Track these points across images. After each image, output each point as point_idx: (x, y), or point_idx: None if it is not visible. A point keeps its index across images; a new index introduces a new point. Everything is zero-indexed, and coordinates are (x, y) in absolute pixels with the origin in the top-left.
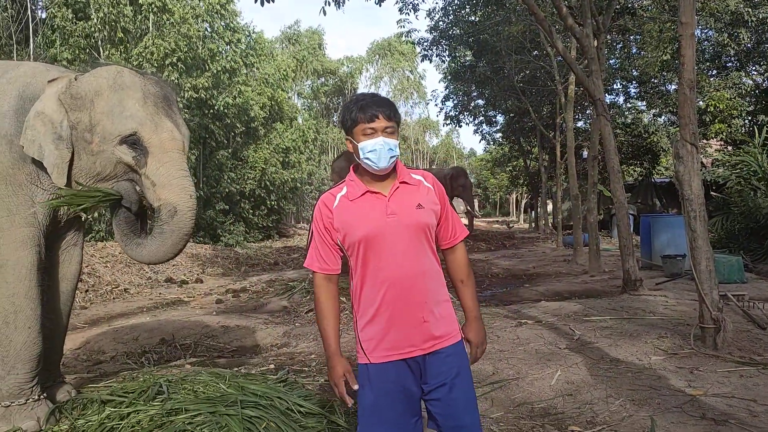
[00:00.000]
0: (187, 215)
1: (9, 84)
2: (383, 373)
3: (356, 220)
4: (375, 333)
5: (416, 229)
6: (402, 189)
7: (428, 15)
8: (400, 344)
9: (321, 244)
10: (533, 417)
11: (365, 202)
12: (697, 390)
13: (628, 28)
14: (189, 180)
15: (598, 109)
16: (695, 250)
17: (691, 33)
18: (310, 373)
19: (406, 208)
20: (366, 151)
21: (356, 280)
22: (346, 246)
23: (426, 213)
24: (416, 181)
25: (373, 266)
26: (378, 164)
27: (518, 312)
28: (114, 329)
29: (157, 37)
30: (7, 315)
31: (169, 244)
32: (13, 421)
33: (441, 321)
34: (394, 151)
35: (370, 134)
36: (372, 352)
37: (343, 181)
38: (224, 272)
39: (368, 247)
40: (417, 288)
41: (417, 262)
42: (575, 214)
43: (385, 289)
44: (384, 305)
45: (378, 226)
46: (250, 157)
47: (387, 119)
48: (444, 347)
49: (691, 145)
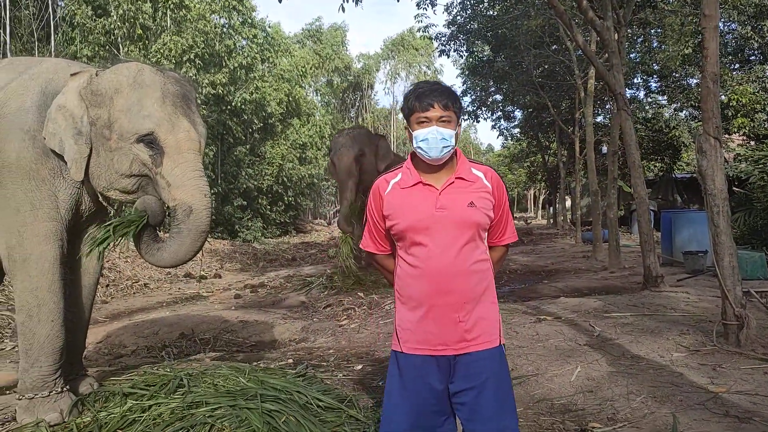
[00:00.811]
0: (202, 214)
1: (32, 80)
2: (411, 365)
3: (404, 209)
4: (410, 323)
5: (465, 226)
6: (456, 184)
7: (446, 10)
8: (433, 340)
9: (375, 229)
10: (553, 413)
11: (416, 192)
12: (720, 387)
13: (649, 22)
14: (204, 180)
15: (618, 104)
16: (718, 245)
17: (715, 25)
18: (328, 368)
19: (457, 205)
20: (419, 140)
21: (401, 265)
22: (393, 232)
23: (477, 212)
24: (475, 177)
25: (416, 257)
26: (429, 154)
27: (537, 308)
28: (134, 323)
29: (175, 33)
30: (31, 308)
31: (187, 243)
32: (36, 413)
33: (479, 323)
34: (449, 141)
35: (425, 123)
36: (405, 341)
37: (400, 167)
38: (242, 267)
39: (413, 238)
40: (457, 286)
41: (461, 260)
42: (594, 210)
43: (425, 282)
44: (422, 298)
45: (425, 218)
46: (267, 153)
47: (443, 108)
48: (477, 350)
49: (715, 139)
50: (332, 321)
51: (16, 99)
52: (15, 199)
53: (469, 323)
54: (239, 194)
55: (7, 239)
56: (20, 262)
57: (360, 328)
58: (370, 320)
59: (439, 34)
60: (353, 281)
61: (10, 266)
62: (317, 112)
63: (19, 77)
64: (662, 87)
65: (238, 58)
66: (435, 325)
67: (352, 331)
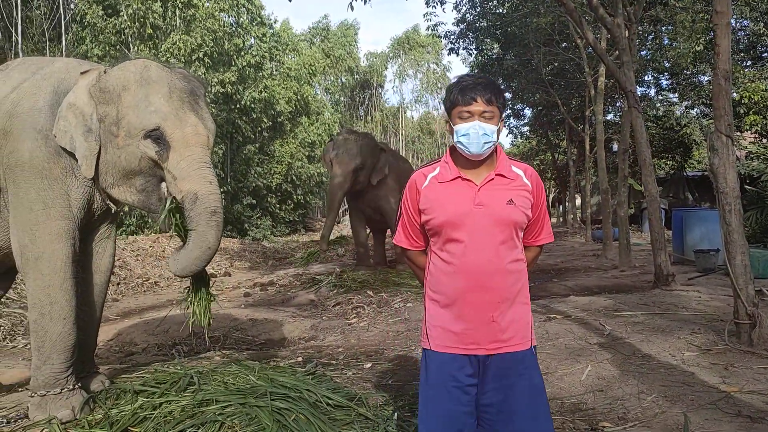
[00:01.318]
0: (209, 198)
1: (44, 80)
2: (441, 363)
3: (442, 204)
4: (442, 320)
5: (503, 224)
6: (496, 181)
7: (455, 7)
8: (464, 339)
9: (410, 224)
10: (563, 412)
11: (455, 186)
12: (732, 387)
13: (660, 19)
14: (210, 170)
15: (629, 101)
16: (730, 244)
17: (727, 22)
18: (338, 366)
19: (496, 202)
20: (459, 135)
21: (434, 261)
22: (428, 227)
23: (516, 210)
24: (515, 175)
25: (451, 253)
26: (469, 149)
27: (547, 307)
28: (145, 321)
29: (184, 32)
30: (43, 306)
31: (203, 227)
32: (48, 410)
33: (512, 324)
34: (490, 137)
35: (467, 118)
36: (434, 338)
37: (438, 161)
38: (252, 266)
39: (449, 234)
40: (493, 284)
41: (497, 258)
42: (605, 208)
43: (460, 279)
44: (456, 294)
45: (462, 214)
46: (276, 151)
47: (486, 103)
48: (509, 352)
49: (727, 136)
50: (341, 319)
51: (28, 99)
52: (28, 198)
53: (504, 323)
54: (248, 193)
55: (20, 237)
56: (33, 260)
57: (369, 326)
58: (379, 319)
59: (448, 32)
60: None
61: (22, 264)
62: (326, 111)
63: (32, 77)
64: (673, 84)
65: (247, 56)
66: (468, 324)
67: (362, 330)
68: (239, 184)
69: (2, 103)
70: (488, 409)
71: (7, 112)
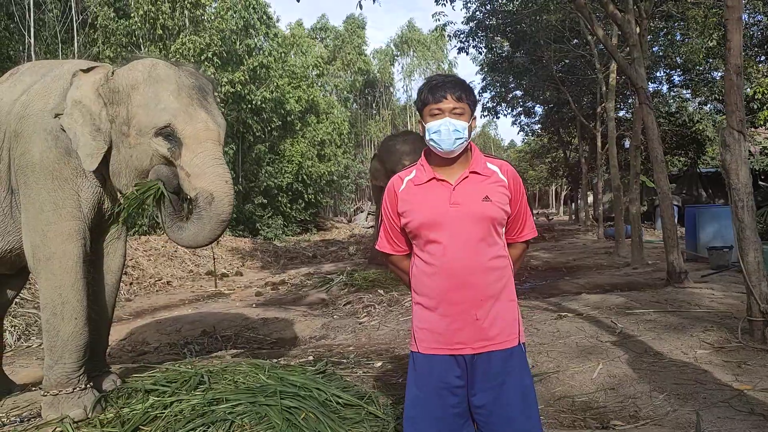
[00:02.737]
0: (224, 201)
1: (54, 82)
2: (428, 366)
3: (418, 206)
4: (427, 322)
5: (480, 221)
6: (471, 179)
7: (464, 6)
8: (449, 339)
9: (391, 228)
10: (574, 411)
11: (430, 188)
12: (745, 384)
13: (672, 14)
14: (224, 167)
15: (640, 98)
16: (743, 241)
17: (738, 17)
18: (348, 365)
19: (471, 199)
20: (431, 132)
21: (416, 263)
22: (407, 230)
23: (492, 206)
24: (490, 172)
25: (431, 254)
26: (441, 146)
27: (558, 305)
28: (157, 321)
29: (192, 33)
30: (55, 306)
31: (207, 230)
32: (61, 409)
33: (497, 321)
34: (461, 133)
35: (437, 115)
36: (421, 341)
37: (414, 164)
38: (263, 265)
39: (428, 235)
40: (474, 283)
41: (477, 256)
42: (617, 205)
43: (441, 279)
44: (439, 295)
45: (439, 214)
46: (287, 150)
47: (456, 100)
48: (496, 350)
49: (738, 132)
50: (352, 318)
51: (39, 100)
52: (39, 199)
53: (488, 321)
54: (260, 192)
55: (31, 238)
56: (44, 260)
57: (380, 325)
58: (390, 317)
59: (458, 31)
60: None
61: (34, 265)
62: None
63: (42, 79)
64: (686, 80)
65: (259, 57)
66: (452, 323)
67: (372, 329)
68: (250, 183)
69: (13, 106)
70: (481, 411)
71: (18, 114)
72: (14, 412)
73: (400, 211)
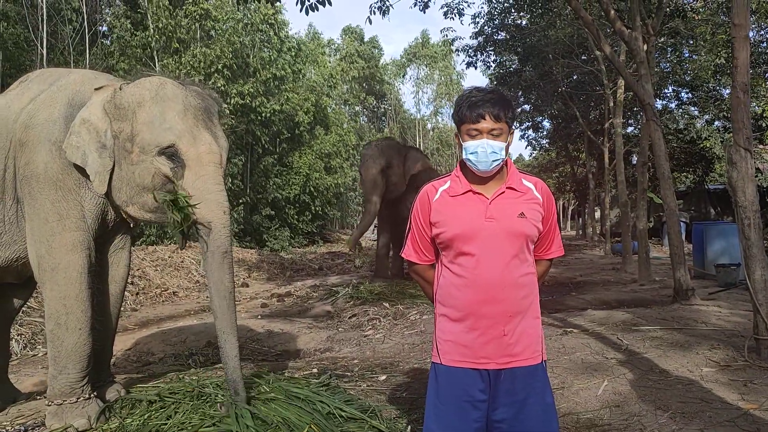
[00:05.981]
0: (222, 233)
1: (59, 91)
2: (451, 378)
3: (453, 218)
4: (452, 334)
5: (514, 237)
6: (507, 194)
7: (473, 21)
8: (475, 353)
9: (420, 237)
10: (579, 428)
11: (466, 200)
12: (751, 404)
13: (680, 31)
14: (224, 194)
15: (647, 114)
16: (749, 258)
17: (745, 35)
18: (352, 378)
19: (507, 215)
20: (468, 152)
21: (444, 274)
22: (438, 241)
23: (527, 223)
24: (525, 188)
25: (463, 267)
26: (478, 166)
27: (564, 320)
28: (162, 331)
29: (204, 45)
30: (59, 316)
31: (224, 270)
32: (65, 418)
33: (523, 338)
34: (498, 154)
35: (475, 135)
36: (445, 353)
37: (448, 175)
38: (269, 277)
39: (461, 247)
40: (504, 298)
41: (509, 271)
42: (624, 221)
43: (471, 292)
44: (467, 308)
45: (474, 228)
46: (294, 162)
47: (494, 120)
48: (519, 366)
49: (745, 150)
50: (357, 331)
51: (44, 110)
52: (43, 209)
53: (514, 337)
54: (267, 204)
55: (36, 248)
56: (49, 271)
57: (385, 338)
58: (395, 331)
59: (466, 46)
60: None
61: (39, 275)
62: (345, 122)
63: (48, 88)
64: (694, 98)
65: (272, 69)
66: (479, 337)
67: (377, 342)
68: (258, 195)
69: (20, 114)
70: (500, 425)
71: (23, 123)
72: (19, 421)
73: (432, 221)
